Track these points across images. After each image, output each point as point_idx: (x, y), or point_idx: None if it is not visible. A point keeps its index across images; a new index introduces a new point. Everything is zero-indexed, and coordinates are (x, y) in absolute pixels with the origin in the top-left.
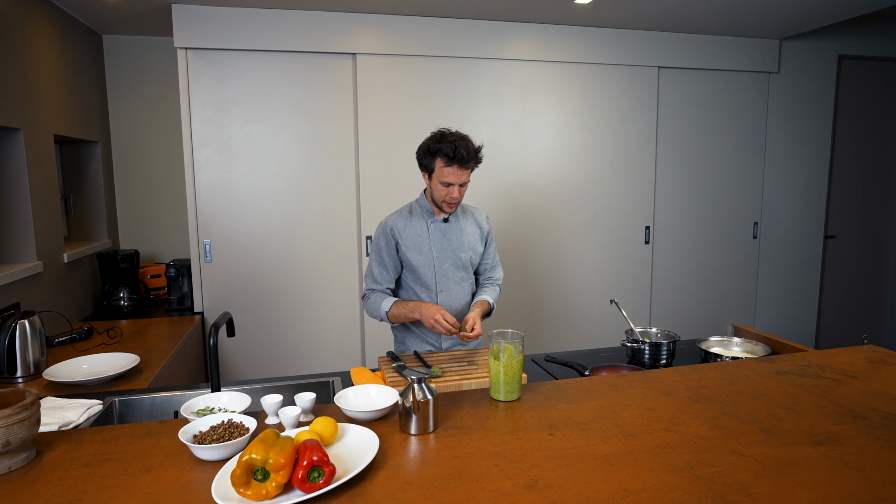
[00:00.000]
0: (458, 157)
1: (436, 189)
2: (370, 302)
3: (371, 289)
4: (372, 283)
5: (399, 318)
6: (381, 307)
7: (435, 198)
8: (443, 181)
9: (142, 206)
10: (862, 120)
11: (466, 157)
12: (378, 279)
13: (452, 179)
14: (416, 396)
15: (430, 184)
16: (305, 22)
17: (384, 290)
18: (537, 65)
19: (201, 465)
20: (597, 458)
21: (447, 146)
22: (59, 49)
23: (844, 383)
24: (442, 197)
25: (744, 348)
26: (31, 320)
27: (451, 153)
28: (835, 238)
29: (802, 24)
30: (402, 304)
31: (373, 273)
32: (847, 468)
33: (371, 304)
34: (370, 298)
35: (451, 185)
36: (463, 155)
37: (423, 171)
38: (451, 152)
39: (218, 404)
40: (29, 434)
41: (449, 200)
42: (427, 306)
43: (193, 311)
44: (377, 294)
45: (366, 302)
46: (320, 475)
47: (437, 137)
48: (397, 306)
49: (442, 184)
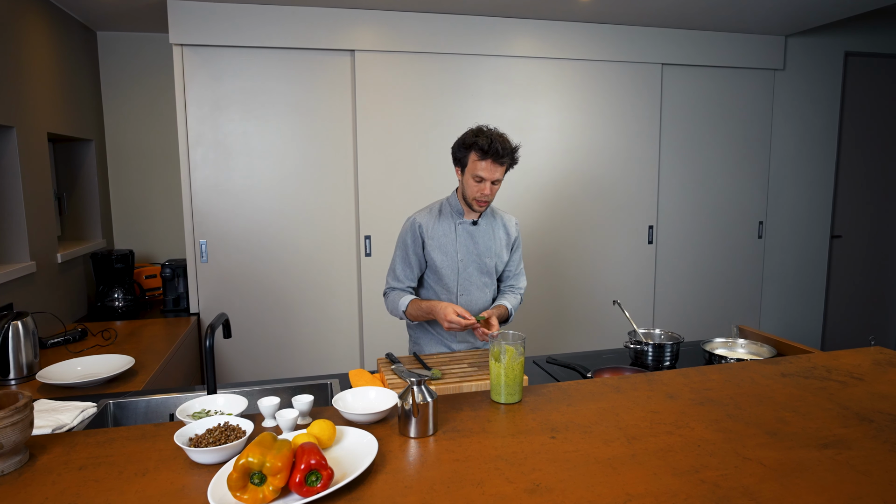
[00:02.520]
0: (492, 151)
1: (468, 185)
2: (389, 300)
3: (392, 287)
4: (393, 281)
5: (417, 317)
6: (399, 305)
7: (466, 195)
8: (475, 175)
9: (137, 205)
10: (869, 118)
11: (501, 152)
12: (400, 276)
13: (485, 174)
14: (415, 399)
15: (463, 179)
16: (303, 18)
17: (405, 287)
18: (539, 62)
19: (197, 469)
20: (599, 461)
21: (483, 140)
22: (52, 45)
23: (851, 385)
24: (473, 194)
25: (748, 350)
26: (24, 321)
27: (485, 147)
28: (841, 238)
29: (808, 20)
30: (418, 304)
31: (395, 270)
32: (854, 472)
33: (390, 301)
34: (389, 296)
35: (483, 181)
36: (498, 150)
37: (456, 165)
38: (486, 146)
39: (214, 407)
40: (22, 437)
41: (480, 198)
42: (443, 306)
43: (189, 312)
44: (397, 292)
45: (386, 300)
46: (318, 479)
47: (474, 132)
48: (414, 305)
49: (474, 179)
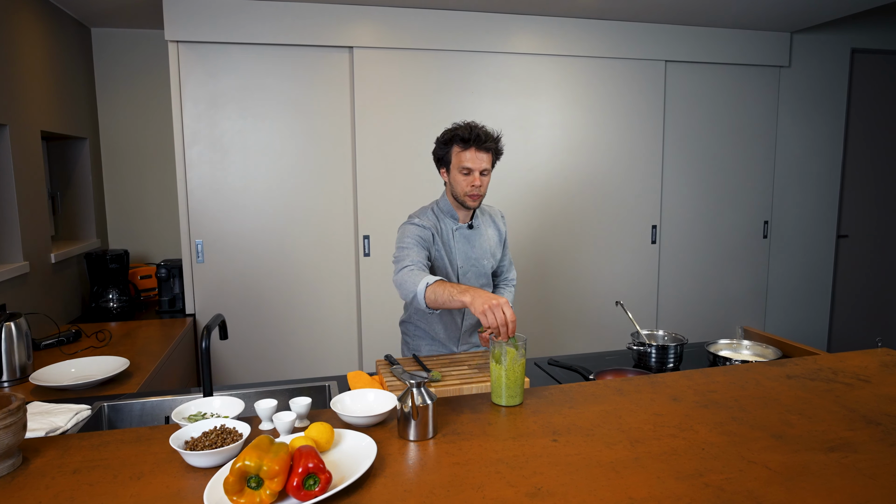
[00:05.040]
0: (474, 138)
1: (456, 182)
2: (409, 273)
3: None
4: (409, 262)
5: (440, 298)
6: (420, 281)
7: (457, 193)
8: (462, 168)
9: (132, 204)
10: (876, 115)
11: (483, 137)
12: (415, 259)
13: (472, 164)
14: (414, 401)
15: (450, 179)
16: (300, 14)
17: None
18: (540, 59)
19: (193, 473)
20: (602, 465)
21: (462, 130)
22: (46, 42)
23: (858, 388)
24: (464, 189)
25: (754, 351)
26: (17, 322)
27: (466, 135)
28: (848, 237)
29: (814, 16)
30: (451, 284)
31: (410, 255)
32: (861, 475)
33: (408, 275)
34: (414, 270)
35: (471, 172)
36: (479, 135)
37: (440, 167)
38: (467, 134)
39: (210, 409)
40: (15, 440)
41: (471, 192)
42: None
43: (185, 313)
44: (418, 270)
45: (401, 274)
46: (316, 483)
47: (450, 128)
48: (443, 284)
49: (462, 172)
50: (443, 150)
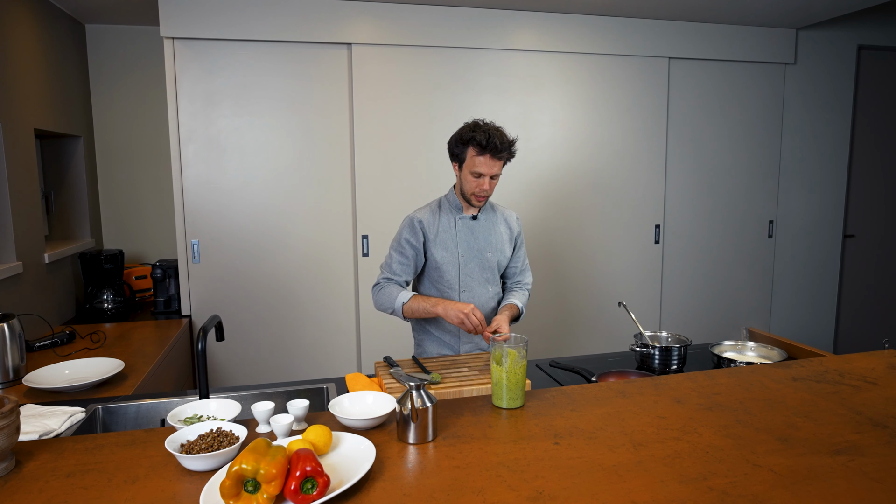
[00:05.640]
0: (490, 146)
1: (466, 181)
2: (384, 292)
3: (387, 278)
4: (389, 273)
5: (416, 312)
6: (396, 298)
7: (464, 190)
8: (474, 171)
9: (126, 203)
10: (883, 113)
11: (500, 146)
12: (396, 271)
13: (483, 170)
14: (414, 404)
15: (461, 175)
16: (298, 10)
17: (401, 282)
18: (542, 55)
19: (189, 476)
20: (604, 468)
21: (480, 135)
22: (39, 39)
23: (864, 390)
24: (472, 189)
25: (758, 353)
26: (11, 324)
27: (483, 142)
28: (854, 237)
29: (820, 12)
30: (423, 298)
31: (391, 264)
32: (867, 479)
33: (384, 294)
34: (385, 288)
35: (481, 177)
36: (496, 144)
37: (453, 161)
38: (485, 141)
39: (206, 412)
40: (8, 443)
41: (478, 193)
42: (454, 302)
43: (181, 314)
44: (393, 285)
45: (377, 291)
46: (314, 486)
47: (471, 126)
48: (417, 300)
49: (472, 174)
50: (458, 147)
